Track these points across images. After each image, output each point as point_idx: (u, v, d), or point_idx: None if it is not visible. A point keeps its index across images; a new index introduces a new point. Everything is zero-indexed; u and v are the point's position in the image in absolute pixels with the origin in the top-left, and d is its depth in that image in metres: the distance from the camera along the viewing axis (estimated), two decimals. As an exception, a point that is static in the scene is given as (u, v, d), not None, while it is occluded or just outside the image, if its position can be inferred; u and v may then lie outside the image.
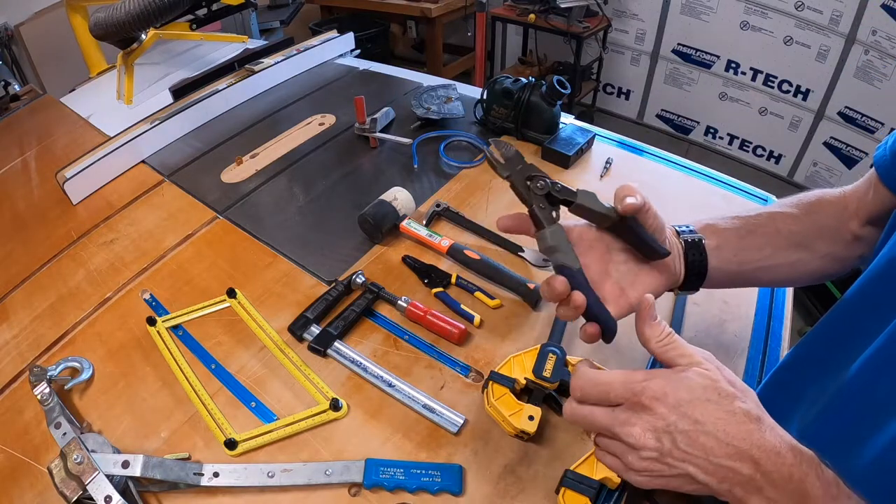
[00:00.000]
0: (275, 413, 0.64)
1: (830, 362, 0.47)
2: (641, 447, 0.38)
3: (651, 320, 0.42)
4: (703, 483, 0.37)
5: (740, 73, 2.81)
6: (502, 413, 0.59)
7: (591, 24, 2.86)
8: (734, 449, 0.36)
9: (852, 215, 0.53)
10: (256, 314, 0.76)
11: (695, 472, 0.37)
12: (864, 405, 0.42)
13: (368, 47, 2.93)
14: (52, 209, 1.04)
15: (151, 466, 0.55)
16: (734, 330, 0.73)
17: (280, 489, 0.57)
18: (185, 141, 1.20)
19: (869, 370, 0.42)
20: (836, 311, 0.50)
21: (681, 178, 1.02)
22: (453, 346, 0.71)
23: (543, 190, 0.47)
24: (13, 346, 0.77)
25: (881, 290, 0.44)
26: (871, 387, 0.41)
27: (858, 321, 0.46)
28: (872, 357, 0.41)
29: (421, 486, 0.56)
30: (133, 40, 1.30)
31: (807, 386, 0.49)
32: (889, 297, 0.42)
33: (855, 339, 0.44)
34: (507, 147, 0.48)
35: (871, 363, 0.41)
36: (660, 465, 0.38)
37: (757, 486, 0.36)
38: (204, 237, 0.92)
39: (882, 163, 0.50)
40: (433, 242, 0.84)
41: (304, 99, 1.33)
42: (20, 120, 1.49)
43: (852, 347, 0.44)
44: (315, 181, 1.04)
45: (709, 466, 0.36)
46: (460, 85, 1.29)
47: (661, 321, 0.43)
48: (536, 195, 0.47)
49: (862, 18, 2.30)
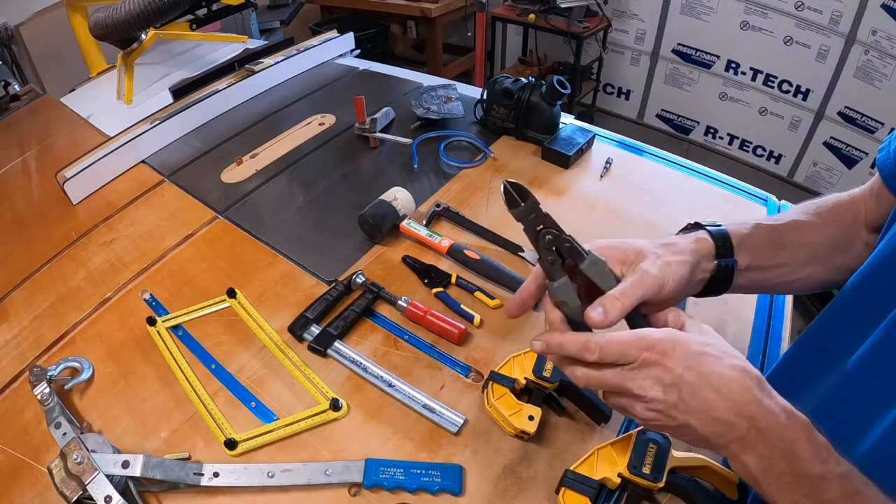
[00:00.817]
0: (275, 413, 0.64)
1: (828, 358, 0.47)
2: (649, 399, 0.39)
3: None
4: (703, 436, 0.39)
5: (740, 73, 2.81)
6: (502, 413, 0.59)
7: (591, 24, 2.86)
8: (733, 404, 0.37)
9: (862, 224, 0.53)
10: (256, 314, 0.76)
11: (696, 425, 0.38)
12: (863, 398, 0.42)
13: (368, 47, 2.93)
14: (52, 209, 1.04)
15: (151, 466, 0.55)
16: (734, 330, 0.73)
17: (280, 489, 0.57)
18: (185, 141, 1.20)
19: (867, 363, 0.42)
20: (833, 307, 0.50)
21: (681, 178, 1.02)
22: (453, 346, 0.71)
23: (550, 245, 0.45)
24: (13, 346, 0.77)
25: (879, 284, 0.44)
26: (869, 379, 0.41)
27: (856, 315, 0.46)
28: (871, 350, 0.41)
29: (421, 486, 0.56)
30: (133, 40, 1.30)
31: (805, 383, 0.50)
32: (887, 290, 0.42)
33: (853, 332, 0.44)
34: (523, 191, 0.46)
35: (870, 356, 0.41)
36: (664, 417, 0.40)
37: (751, 442, 0.37)
38: (204, 237, 0.92)
39: (886, 166, 0.49)
40: (433, 242, 0.84)
41: (304, 99, 1.33)
42: (20, 120, 1.49)
43: (850, 341, 0.44)
44: (315, 181, 1.04)
45: (709, 420, 0.38)
46: (460, 85, 1.29)
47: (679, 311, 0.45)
48: (546, 248, 0.45)
49: (862, 18, 2.29)
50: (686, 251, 0.48)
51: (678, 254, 0.47)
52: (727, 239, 0.50)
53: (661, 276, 0.44)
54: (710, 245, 0.50)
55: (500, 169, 1.04)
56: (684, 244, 0.49)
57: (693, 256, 0.48)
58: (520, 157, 1.07)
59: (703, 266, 0.49)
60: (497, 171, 1.03)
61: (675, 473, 0.52)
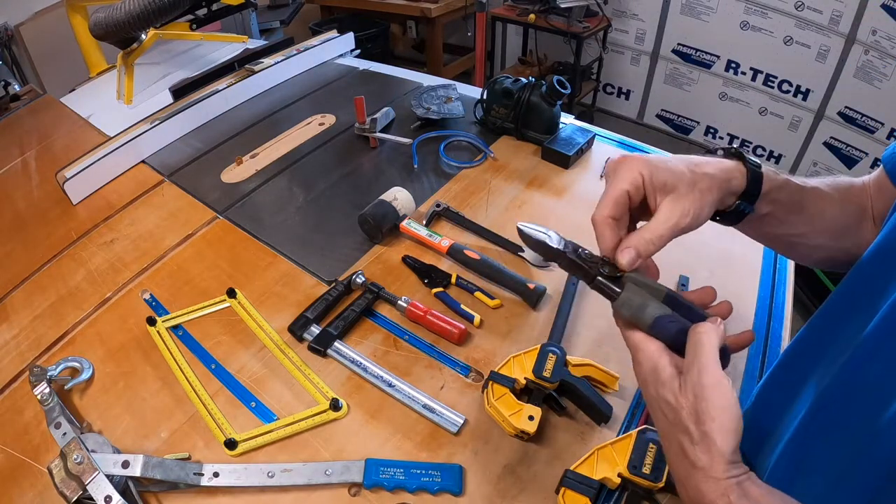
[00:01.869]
0: (275, 413, 0.64)
1: (827, 353, 0.47)
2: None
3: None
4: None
5: (740, 73, 2.81)
6: (502, 413, 0.59)
7: (591, 24, 2.86)
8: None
9: (870, 212, 0.52)
10: (256, 314, 0.76)
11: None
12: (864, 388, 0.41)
13: (368, 47, 2.93)
14: (52, 209, 1.04)
15: (151, 466, 0.55)
16: (734, 330, 0.73)
17: (280, 489, 0.57)
18: (185, 141, 1.20)
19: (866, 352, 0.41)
20: (831, 302, 0.50)
21: (681, 178, 1.01)
22: (453, 346, 0.71)
23: (594, 259, 0.42)
24: (13, 346, 0.77)
25: (878, 272, 0.44)
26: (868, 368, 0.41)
27: (854, 308, 0.46)
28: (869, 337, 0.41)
29: (421, 486, 0.56)
30: (133, 40, 1.30)
31: (805, 380, 0.49)
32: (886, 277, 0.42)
33: (851, 325, 0.44)
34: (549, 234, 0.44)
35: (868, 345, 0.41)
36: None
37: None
38: (204, 237, 0.92)
39: (890, 160, 0.48)
40: (433, 242, 0.84)
41: (304, 99, 1.33)
42: (20, 120, 1.49)
43: (849, 334, 0.44)
44: (315, 181, 1.04)
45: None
46: (460, 85, 1.29)
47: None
48: (593, 265, 0.42)
49: (862, 18, 2.30)
50: (714, 187, 0.44)
51: (709, 191, 0.44)
52: (758, 184, 0.47)
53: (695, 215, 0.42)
54: (740, 185, 0.46)
55: (500, 169, 1.03)
56: (718, 177, 0.45)
57: (720, 194, 0.45)
58: (520, 157, 1.07)
59: (724, 201, 0.46)
60: (497, 171, 1.03)
61: (675, 473, 0.52)
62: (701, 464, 0.36)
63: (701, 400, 0.36)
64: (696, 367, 0.37)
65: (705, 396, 0.36)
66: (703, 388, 0.36)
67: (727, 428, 0.35)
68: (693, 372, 0.37)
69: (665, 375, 0.39)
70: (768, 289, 0.79)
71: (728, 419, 0.35)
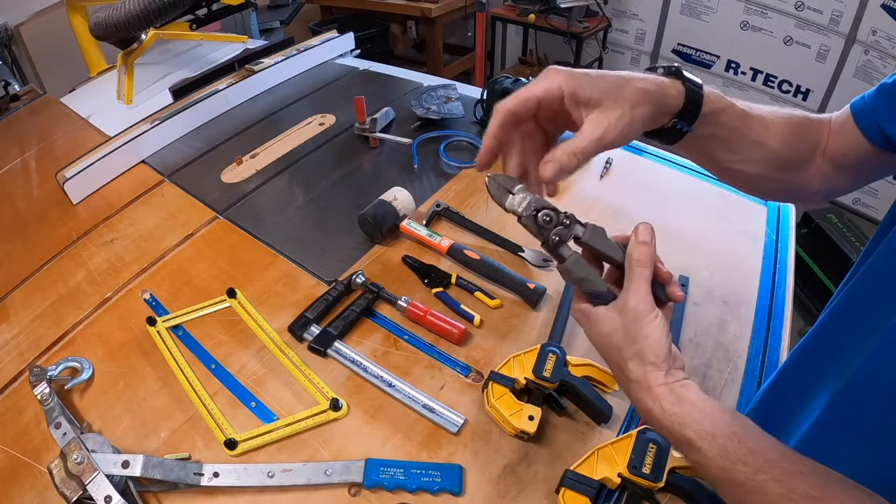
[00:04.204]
0: (275, 413, 0.64)
1: (842, 353, 0.46)
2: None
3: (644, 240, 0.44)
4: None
5: (740, 73, 2.81)
6: (502, 413, 0.59)
7: (591, 24, 2.86)
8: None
9: (822, 151, 0.52)
10: (256, 314, 0.76)
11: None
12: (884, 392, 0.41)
13: (368, 47, 2.92)
14: (52, 209, 1.04)
15: (151, 466, 0.55)
16: (734, 330, 0.73)
17: (280, 489, 0.57)
18: (185, 141, 1.20)
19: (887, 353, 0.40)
20: (842, 300, 0.49)
21: (681, 178, 1.02)
22: (453, 346, 0.71)
23: (551, 223, 0.45)
24: (13, 346, 0.77)
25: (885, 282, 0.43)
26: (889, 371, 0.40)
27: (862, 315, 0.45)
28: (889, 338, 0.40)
29: (421, 486, 0.56)
30: (133, 40, 1.30)
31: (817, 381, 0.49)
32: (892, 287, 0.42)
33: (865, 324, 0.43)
34: (509, 182, 0.46)
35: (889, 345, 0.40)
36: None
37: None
38: (204, 237, 0.92)
39: (858, 105, 0.48)
40: (433, 242, 0.84)
41: (304, 99, 1.33)
42: (20, 120, 1.49)
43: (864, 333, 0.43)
44: (315, 181, 1.04)
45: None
46: (460, 85, 1.29)
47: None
48: (546, 228, 0.45)
49: (862, 18, 2.30)
50: (645, 102, 0.43)
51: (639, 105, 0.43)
52: (698, 104, 0.46)
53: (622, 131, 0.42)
54: (677, 103, 0.45)
55: (499, 169, 1.03)
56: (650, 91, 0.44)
57: (652, 109, 0.44)
58: (520, 157, 1.06)
59: (658, 119, 0.45)
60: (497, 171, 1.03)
61: (675, 473, 0.52)
62: (634, 376, 0.41)
63: (632, 322, 0.41)
64: (631, 292, 0.42)
65: (636, 319, 0.41)
66: (634, 311, 0.41)
67: (656, 341, 0.40)
68: (628, 296, 0.42)
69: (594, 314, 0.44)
70: (768, 289, 0.79)
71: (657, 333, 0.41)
